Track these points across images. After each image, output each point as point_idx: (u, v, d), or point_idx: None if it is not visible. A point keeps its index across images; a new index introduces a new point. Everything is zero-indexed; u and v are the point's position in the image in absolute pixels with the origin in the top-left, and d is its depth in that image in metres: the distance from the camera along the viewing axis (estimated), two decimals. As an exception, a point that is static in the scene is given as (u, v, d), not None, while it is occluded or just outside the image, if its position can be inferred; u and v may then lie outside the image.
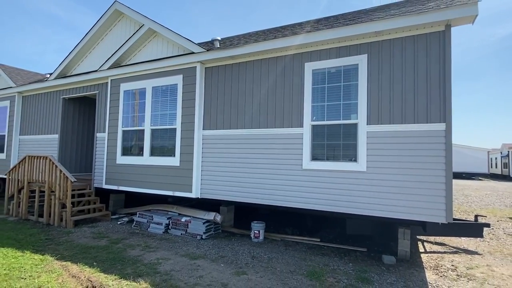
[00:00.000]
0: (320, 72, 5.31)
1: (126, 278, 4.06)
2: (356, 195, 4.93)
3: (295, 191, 5.42)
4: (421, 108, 4.56)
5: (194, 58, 6.42)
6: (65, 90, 8.92)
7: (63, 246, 5.42)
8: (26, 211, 7.54)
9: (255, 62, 5.97)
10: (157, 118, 6.96)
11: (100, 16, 8.04)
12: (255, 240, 6.02)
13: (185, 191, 6.45)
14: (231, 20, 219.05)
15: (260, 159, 5.85)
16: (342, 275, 4.36)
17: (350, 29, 4.90)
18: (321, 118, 5.24)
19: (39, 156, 7.47)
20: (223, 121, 6.27)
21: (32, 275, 4.04)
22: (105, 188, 7.68)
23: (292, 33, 5.91)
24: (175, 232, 6.43)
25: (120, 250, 5.29)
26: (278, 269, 4.54)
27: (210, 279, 4.12)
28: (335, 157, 5.12)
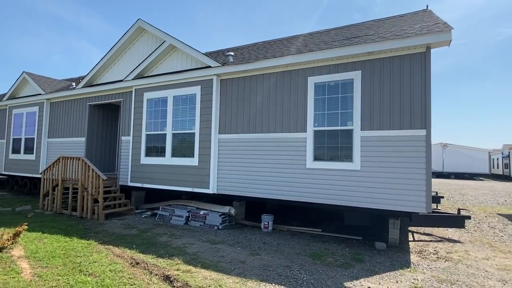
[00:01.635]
0: (321, 85, 6.20)
1: (162, 257, 4.97)
2: (352, 190, 5.80)
3: (300, 187, 6.30)
4: (406, 116, 5.42)
5: (211, 72, 7.33)
6: (91, 98, 9.89)
7: (101, 234, 6.34)
8: (60, 206, 8.50)
9: (265, 75, 6.87)
10: (177, 124, 7.88)
11: (124, 33, 9.00)
12: (264, 230, 6.90)
13: (203, 188, 7.36)
14: (232, 20, 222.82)
15: (269, 160, 6.73)
16: (339, 257, 5.23)
17: (346, 50, 5.78)
18: (322, 124, 6.12)
19: (72, 157, 8.44)
20: (236, 126, 7.17)
21: (85, 254, 4.96)
22: (130, 185, 8.63)
23: (297, 50, 6.80)
24: (195, 223, 7.34)
25: (150, 237, 6.21)
26: (285, 252, 5.42)
27: (230, 258, 5.02)
28: (334, 157, 5.99)
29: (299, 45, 7.60)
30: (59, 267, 4.36)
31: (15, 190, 12.96)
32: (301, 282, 4.12)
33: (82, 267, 4.37)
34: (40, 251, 4.98)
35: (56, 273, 4.13)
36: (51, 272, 4.15)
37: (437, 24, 5.70)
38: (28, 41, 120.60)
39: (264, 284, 4.02)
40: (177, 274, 4.22)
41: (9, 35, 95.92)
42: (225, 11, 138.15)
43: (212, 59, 7.37)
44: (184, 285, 3.95)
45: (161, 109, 8.19)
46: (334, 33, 8.55)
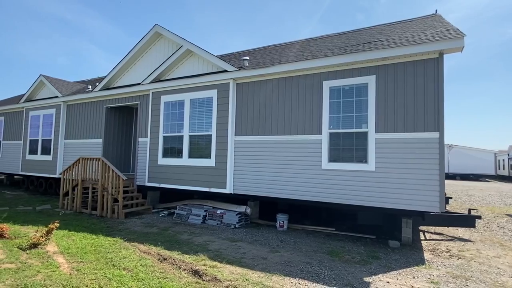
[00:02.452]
0: (336, 88, 6.43)
1: (187, 253, 5.22)
2: (367, 190, 6.02)
3: (315, 188, 6.53)
4: (419, 119, 5.64)
5: (228, 76, 7.59)
6: (108, 100, 10.19)
7: (124, 232, 6.61)
8: (80, 205, 8.80)
9: (280, 79, 7.11)
10: (194, 126, 8.15)
11: (141, 37, 9.30)
12: (280, 229, 7.14)
13: (220, 188, 7.61)
14: (233, 21, 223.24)
15: (284, 161, 6.97)
16: (356, 254, 5.45)
17: (361, 55, 6.01)
18: (337, 127, 6.35)
19: (92, 158, 8.74)
20: (252, 128, 7.42)
21: (114, 251, 5.22)
22: (147, 185, 8.91)
23: (311, 55, 7.04)
24: (212, 222, 7.59)
25: (172, 235, 6.47)
26: (303, 249, 5.66)
27: (251, 255, 5.26)
28: (349, 159, 6.22)
29: (312, 49, 7.84)
30: (93, 262, 4.62)
31: (30, 190, 13.31)
32: (323, 277, 4.35)
33: (115, 262, 4.63)
34: (71, 247, 5.25)
35: (92, 267, 4.39)
36: (87, 266, 4.41)
37: (449, 31, 5.92)
38: (33, 43, 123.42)
39: (288, 279, 4.26)
40: (205, 269, 4.47)
41: (14, 36, 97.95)
42: (226, 12, 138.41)
43: (228, 64, 7.63)
44: (213, 279, 4.20)
45: (178, 111, 8.46)
46: (346, 37, 8.78)
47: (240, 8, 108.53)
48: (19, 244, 5.09)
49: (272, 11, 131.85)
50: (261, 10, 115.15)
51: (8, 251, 4.77)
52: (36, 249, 4.98)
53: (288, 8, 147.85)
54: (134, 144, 11.13)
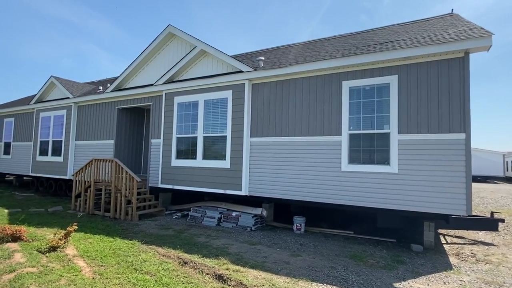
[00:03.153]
0: (356, 89, 6.31)
1: (207, 257, 5.12)
2: (389, 193, 5.88)
3: (334, 190, 6.40)
4: (444, 120, 5.50)
5: (243, 76, 7.50)
6: (120, 101, 10.14)
7: (140, 235, 6.52)
8: (93, 207, 8.73)
9: (297, 79, 7.00)
10: (208, 127, 8.06)
11: (154, 38, 9.24)
12: (297, 232, 7.01)
13: (235, 190, 7.50)
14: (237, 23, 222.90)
15: (302, 162, 6.85)
16: (379, 258, 5.31)
17: (383, 55, 5.89)
18: (358, 128, 6.22)
19: (105, 159, 8.67)
20: (268, 129, 7.31)
21: (133, 254, 5.13)
22: (160, 187, 8.82)
23: (329, 55, 6.93)
24: (227, 224, 7.48)
25: (188, 237, 6.37)
26: (325, 253, 5.53)
27: (273, 258, 5.14)
28: (370, 160, 6.09)
29: (328, 49, 7.73)
30: (114, 265, 4.53)
31: (40, 191, 13.29)
32: (351, 282, 4.22)
33: (136, 266, 4.54)
34: (90, 250, 5.17)
35: (114, 271, 4.30)
36: (109, 270, 4.32)
37: (473, 29, 5.78)
38: (38, 44, 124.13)
39: (316, 284, 4.14)
40: (229, 274, 4.36)
41: (19, 38, 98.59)
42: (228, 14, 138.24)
43: (244, 64, 7.54)
44: (239, 284, 4.08)
45: (192, 112, 8.38)
46: (361, 37, 8.66)
47: (242, 10, 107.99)
48: (38, 247, 5.02)
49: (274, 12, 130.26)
50: (262, 11, 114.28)
51: (28, 254, 4.70)
52: (55, 252, 4.90)
53: (289, 9, 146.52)
54: (145, 146, 11.07)
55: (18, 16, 57.05)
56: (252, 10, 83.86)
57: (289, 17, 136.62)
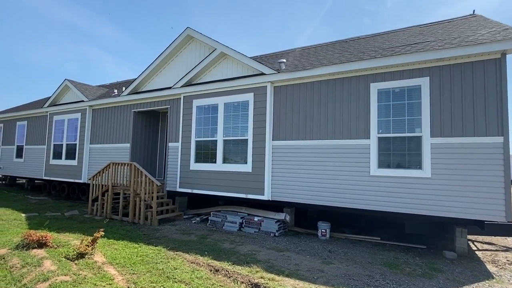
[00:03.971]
0: (385, 91, 6.16)
1: (238, 264, 4.97)
2: (421, 198, 5.71)
3: (362, 195, 6.24)
4: (480, 123, 5.33)
5: (265, 79, 7.38)
6: (137, 104, 10.07)
7: (163, 240, 6.39)
8: (110, 211, 8.62)
9: (322, 82, 6.87)
10: (229, 130, 7.94)
11: (172, 41, 9.17)
12: (322, 237, 6.84)
13: (257, 194, 7.36)
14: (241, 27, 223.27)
15: (327, 166, 6.70)
16: (415, 266, 5.14)
17: (414, 56, 5.75)
18: (387, 131, 6.07)
19: (123, 163, 8.58)
20: (291, 132, 7.17)
21: (162, 261, 5.00)
22: (179, 191, 8.70)
23: (355, 57, 6.80)
24: (249, 230, 7.33)
25: (212, 243, 6.22)
26: (357, 261, 5.36)
27: (305, 266, 4.99)
28: (400, 165, 5.92)
29: (352, 51, 7.60)
30: (146, 273, 4.40)
31: (52, 194, 13.24)
32: (394, 292, 4.06)
33: (168, 274, 4.40)
34: (118, 257, 5.04)
35: (147, 280, 4.17)
36: (142, 279, 4.19)
37: (507, 30, 5.63)
38: (43, 48, 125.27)
39: (358, 294, 3.98)
40: (265, 283, 4.21)
41: (24, 42, 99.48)
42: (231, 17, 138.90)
43: (266, 67, 7.43)
44: (278, 294, 3.94)
45: (211, 115, 8.27)
46: (382, 39, 8.53)
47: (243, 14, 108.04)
48: (66, 254, 4.90)
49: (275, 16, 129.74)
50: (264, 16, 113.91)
51: (57, 261, 4.58)
52: (83, 259, 4.78)
53: (291, 12, 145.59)
54: (160, 149, 10.97)
55: (24, 21, 57.79)
56: (254, 14, 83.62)
57: (289, 20, 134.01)
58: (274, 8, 63.37)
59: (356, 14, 67.46)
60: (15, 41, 63.36)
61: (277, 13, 68.25)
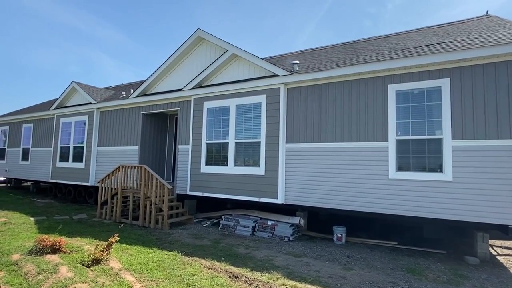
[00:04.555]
0: (403, 92, 6.04)
1: (256, 270, 4.83)
2: (442, 202, 5.57)
3: (380, 198, 6.10)
4: (503, 125, 5.20)
5: (278, 80, 7.27)
6: (145, 107, 9.97)
7: (176, 245, 6.26)
8: (120, 215, 8.50)
9: (337, 83, 6.76)
10: (241, 132, 7.82)
11: (182, 43, 9.09)
12: (338, 242, 6.70)
13: (271, 198, 7.23)
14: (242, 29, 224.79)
15: (342, 169, 6.57)
16: (438, 272, 4.99)
17: (434, 57, 5.63)
18: (406, 133, 5.94)
19: (133, 165, 8.47)
20: (306, 135, 7.05)
21: (179, 267, 4.86)
22: (189, 194, 8.58)
23: (373, 58, 6.69)
24: (262, 234, 7.19)
25: (227, 248, 6.09)
26: (378, 266, 5.21)
27: (326, 273, 4.85)
28: (420, 168, 5.79)
29: (367, 52, 7.49)
30: (164, 280, 4.27)
31: (58, 197, 13.13)
32: (424, 300, 3.91)
33: (187, 281, 4.27)
34: (133, 263, 4.92)
35: (167, 287, 4.04)
36: (162, 286, 4.06)
37: (530, 30, 5.51)
38: (45, 51, 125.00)
39: (386, 303, 3.84)
40: (289, 290, 4.08)
41: (26, 45, 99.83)
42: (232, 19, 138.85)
43: (280, 68, 7.32)
44: (303, 302, 3.80)
45: (223, 118, 8.16)
46: (395, 40, 8.42)
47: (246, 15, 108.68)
48: (81, 260, 4.78)
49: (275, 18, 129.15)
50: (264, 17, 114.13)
51: (73, 267, 4.46)
52: (99, 265, 4.65)
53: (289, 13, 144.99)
54: (168, 151, 10.86)
55: (27, 24, 58.14)
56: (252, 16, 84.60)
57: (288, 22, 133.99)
58: (272, 9, 63.40)
59: (356, 16, 67.88)
60: (18, 44, 63.60)
61: (275, 15, 68.39)
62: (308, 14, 71.59)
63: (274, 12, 65.71)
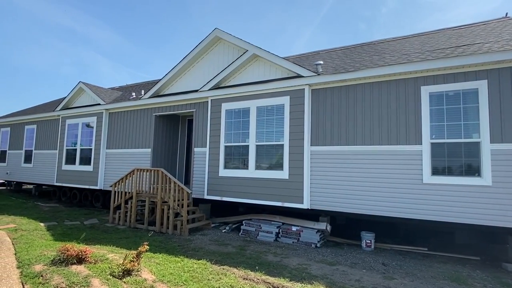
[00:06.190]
0: (437, 94, 5.88)
1: (294, 280, 4.60)
2: (480, 207, 5.40)
3: (413, 203, 5.92)
4: (545, 128, 5.06)
5: (303, 81, 7.07)
6: (158, 108, 9.69)
7: (201, 252, 5.99)
8: (135, 220, 8.20)
9: (366, 84, 6.57)
10: (262, 135, 7.59)
11: (198, 42, 8.84)
12: (367, 249, 6.50)
13: (295, 202, 7.01)
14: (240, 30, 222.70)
15: (371, 173, 6.37)
16: (482, 281, 4.81)
17: (473, 58, 5.48)
18: (441, 136, 5.77)
19: (149, 169, 8.18)
20: (331, 138, 6.85)
21: (213, 277, 4.60)
22: (207, 198, 8.32)
23: (405, 59, 6.52)
24: (286, 240, 6.96)
25: (255, 256, 5.84)
26: (418, 275, 5.02)
27: (369, 283, 4.63)
28: (457, 172, 5.62)
29: (389, 52, 7.32)
30: (204, 293, 4.02)
31: (63, 201, 12.75)
32: (482, 313, 3.72)
33: (228, 293, 4.03)
34: (165, 273, 4.64)
35: (209, 300, 3.79)
36: (204, 299, 3.81)
37: None
38: (39, 52, 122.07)
39: (444, 316, 3.63)
40: (338, 303, 3.85)
41: (19, 45, 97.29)
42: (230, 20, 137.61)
43: (304, 69, 7.12)
44: (357, 316, 3.58)
45: (242, 120, 7.92)
46: (418, 41, 8.28)
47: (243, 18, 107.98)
48: (110, 271, 4.49)
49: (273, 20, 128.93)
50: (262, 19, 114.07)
51: (105, 280, 4.17)
52: (130, 276, 4.37)
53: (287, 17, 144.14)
54: (180, 154, 10.58)
55: (20, 25, 57.09)
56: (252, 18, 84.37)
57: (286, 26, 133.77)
58: (269, 12, 63.47)
59: (352, 19, 68.19)
60: (11, 45, 62.48)
61: (272, 18, 68.54)
62: (306, 18, 71.81)
63: (270, 15, 65.76)
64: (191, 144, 10.13)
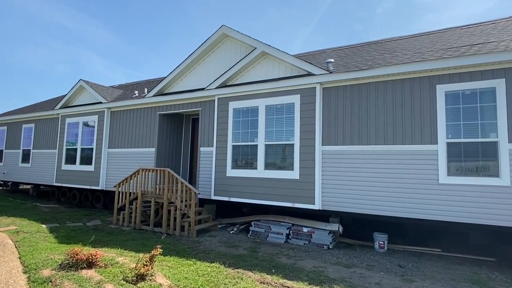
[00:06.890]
0: (453, 93, 5.78)
1: (314, 283, 4.47)
2: (497, 207, 5.32)
3: (429, 204, 5.82)
4: None
5: (314, 80, 6.94)
6: (162, 107, 9.49)
7: (212, 255, 5.83)
8: (140, 221, 8.00)
9: (379, 83, 6.46)
10: (271, 134, 7.45)
11: (204, 40, 8.65)
12: (380, 250, 6.39)
13: (306, 203, 6.87)
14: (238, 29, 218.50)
15: (385, 173, 6.26)
16: (503, 283, 4.72)
17: (491, 56, 5.39)
18: (457, 136, 5.68)
19: (155, 169, 7.99)
20: (343, 137, 6.73)
21: (230, 281, 4.45)
22: (213, 199, 8.15)
23: (417, 57, 6.41)
24: (297, 241, 6.83)
25: (268, 258, 5.70)
26: (437, 277, 4.92)
27: (389, 285, 4.52)
28: (474, 172, 5.53)
29: (400, 51, 7.22)
30: (223, 298, 3.86)
31: (62, 202, 12.47)
32: (512, 318, 3.62)
33: (248, 298, 3.88)
34: (180, 277, 4.47)
35: (230, 307, 3.63)
36: (225, 305, 3.65)
37: None
38: (33, 50, 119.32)
39: (474, 321, 3.53)
40: (363, 308, 3.72)
41: (13, 44, 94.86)
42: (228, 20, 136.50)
43: (316, 67, 6.98)
44: (385, 322, 3.45)
45: (251, 119, 7.76)
46: (428, 40, 8.20)
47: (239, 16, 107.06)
48: (123, 276, 4.31)
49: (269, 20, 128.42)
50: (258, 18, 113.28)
51: (119, 285, 4.00)
52: (144, 281, 4.19)
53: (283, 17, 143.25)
54: (184, 153, 10.38)
55: (13, 22, 55.99)
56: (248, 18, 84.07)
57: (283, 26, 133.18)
58: (266, 13, 63.35)
59: (347, 20, 68.26)
60: (5, 43, 61.35)
61: (270, 18, 68.45)
62: (303, 19, 71.76)
63: (267, 15, 65.58)
64: (195, 143, 9.97)
